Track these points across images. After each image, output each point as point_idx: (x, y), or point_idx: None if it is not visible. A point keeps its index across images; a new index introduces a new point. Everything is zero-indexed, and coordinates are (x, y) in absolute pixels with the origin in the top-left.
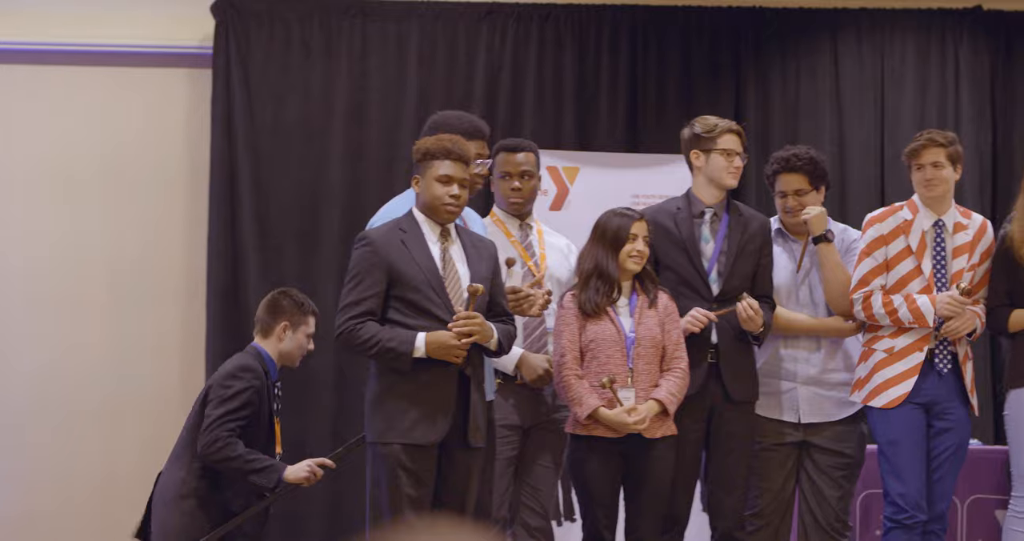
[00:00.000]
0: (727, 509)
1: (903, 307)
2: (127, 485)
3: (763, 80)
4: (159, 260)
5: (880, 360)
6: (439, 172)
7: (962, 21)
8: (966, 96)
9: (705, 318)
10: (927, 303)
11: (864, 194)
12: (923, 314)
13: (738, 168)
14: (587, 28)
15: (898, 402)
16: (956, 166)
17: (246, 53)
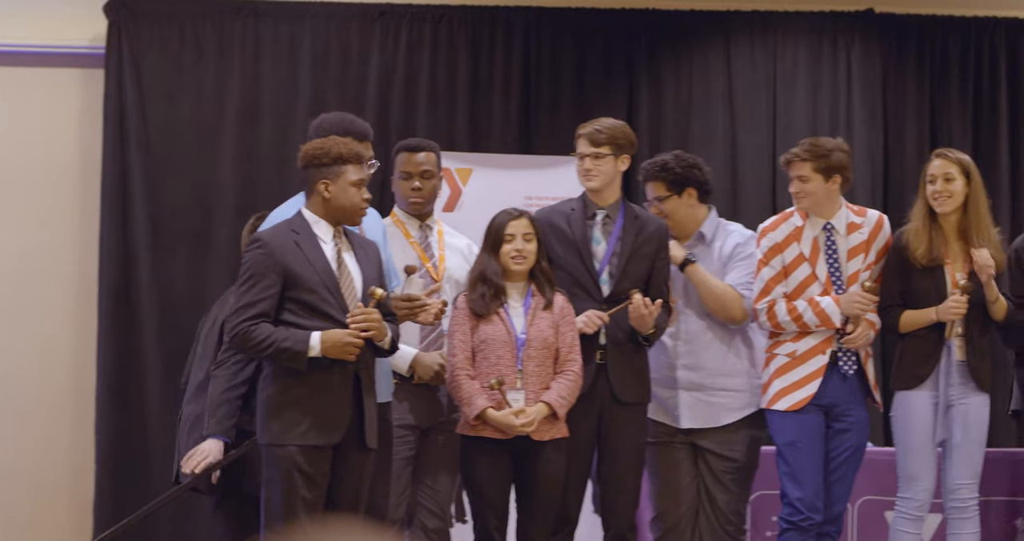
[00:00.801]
0: (618, 510)
1: (808, 311)
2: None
3: (656, 82)
4: (50, 260)
5: (782, 364)
6: (354, 177)
7: (854, 24)
8: (858, 98)
9: (600, 319)
10: (831, 304)
11: (756, 195)
12: (829, 316)
13: (588, 170)
14: (480, 29)
15: (802, 405)
16: (831, 176)
17: (139, 53)
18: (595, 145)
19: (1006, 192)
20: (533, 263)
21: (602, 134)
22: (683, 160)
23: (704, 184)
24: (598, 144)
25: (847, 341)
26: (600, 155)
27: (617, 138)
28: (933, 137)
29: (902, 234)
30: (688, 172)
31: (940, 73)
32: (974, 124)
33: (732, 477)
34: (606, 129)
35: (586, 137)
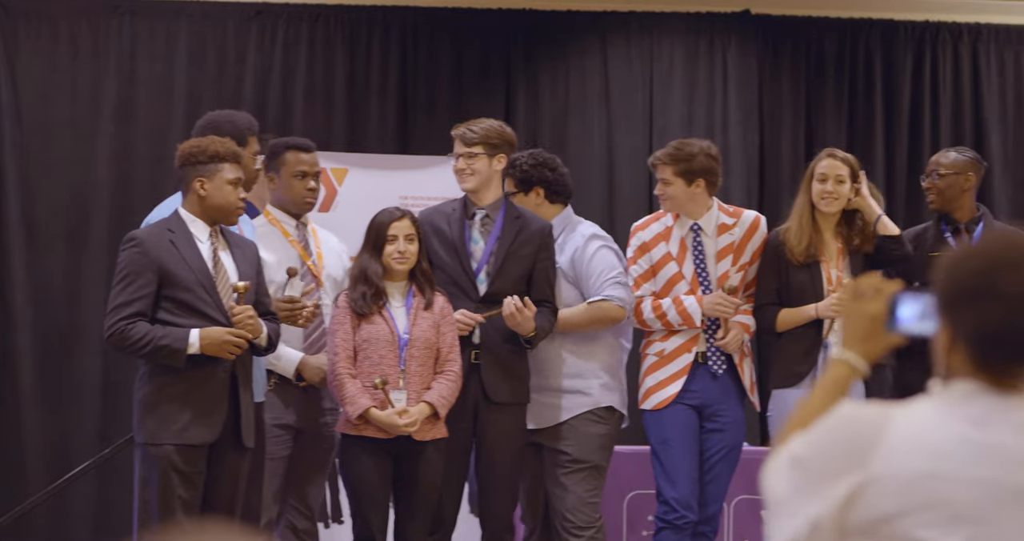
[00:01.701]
0: (493, 510)
1: (672, 310)
2: None
3: (533, 82)
4: None
5: (652, 364)
6: (230, 176)
7: (730, 25)
8: (734, 99)
9: (471, 320)
10: (694, 304)
11: (632, 195)
12: (690, 315)
13: (462, 170)
14: (358, 29)
15: (666, 403)
16: (693, 180)
17: (13, 52)
18: (468, 145)
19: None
20: (415, 263)
21: (475, 134)
22: (534, 158)
23: (552, 184)
24: (471, 144)
25: (720, 345)
26: (473, 155)
27: (490, 137)
28: (808, 137)
29: (778, 232)
30: (535, 171)
31: (816, 74)
32: (849, 125)
33: (564, 472)
34: (479, 129)
35: (459, 137)
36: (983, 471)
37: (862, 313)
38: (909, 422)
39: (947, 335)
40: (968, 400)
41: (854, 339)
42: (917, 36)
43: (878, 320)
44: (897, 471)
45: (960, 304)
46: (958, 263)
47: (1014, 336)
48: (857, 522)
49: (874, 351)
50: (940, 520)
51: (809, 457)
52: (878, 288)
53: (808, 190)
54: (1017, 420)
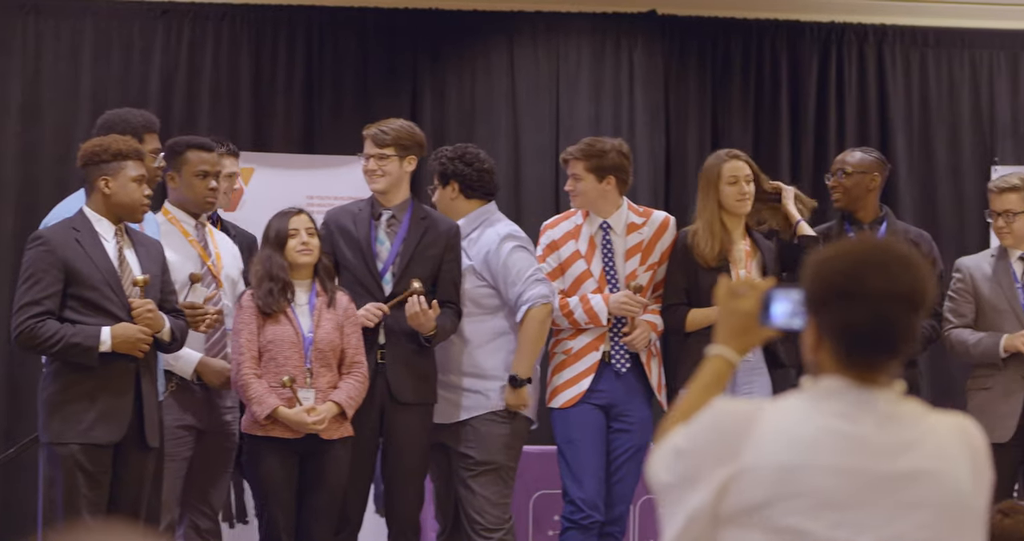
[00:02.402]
0: (399, 510)
1: (578, 308)
2: None
3: (440, 82)
4: None
5: (560, 362)
6: (134, 173)
7: (636, 25)
8: (640, 99)
9: (380, 311)
10: (600, 303)
11: (539, 195)
12: (596, 314)
13: (373, 171)
14: (263, 28)
15: (573, 402)
16: (604, 176)
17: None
18: (379, 146)
19: None
20: (318, 257)
21: (387, 135)
22: (454, 152)
23: (467, 179)
24: (382, 145)
25: (627, 343)
26: (385, 156)
27: (402, 139)
28: (715, 138)
29: (687, 233)
30: (452, 165)
31: (722, 74)
32: (755, 125)
33: (469, 474)
34: (391, 130)
35: (371, 138)
36: (847, 461)
37: (736, 310)
38: (779, 415)
39: (814, 332)
40: (835, 395)
41: (729, 335)
42: (823, 37)
43: (752, 316)
44: (766, 462)
45: (826, 303)
46: (825, 263)
47: (878, 334)
48: (730, 511)
49: (748, 346)
50: (806, 507)
51: (688, 449)
52: (752, 286)
53: (715, 193)
54: (880, 413)
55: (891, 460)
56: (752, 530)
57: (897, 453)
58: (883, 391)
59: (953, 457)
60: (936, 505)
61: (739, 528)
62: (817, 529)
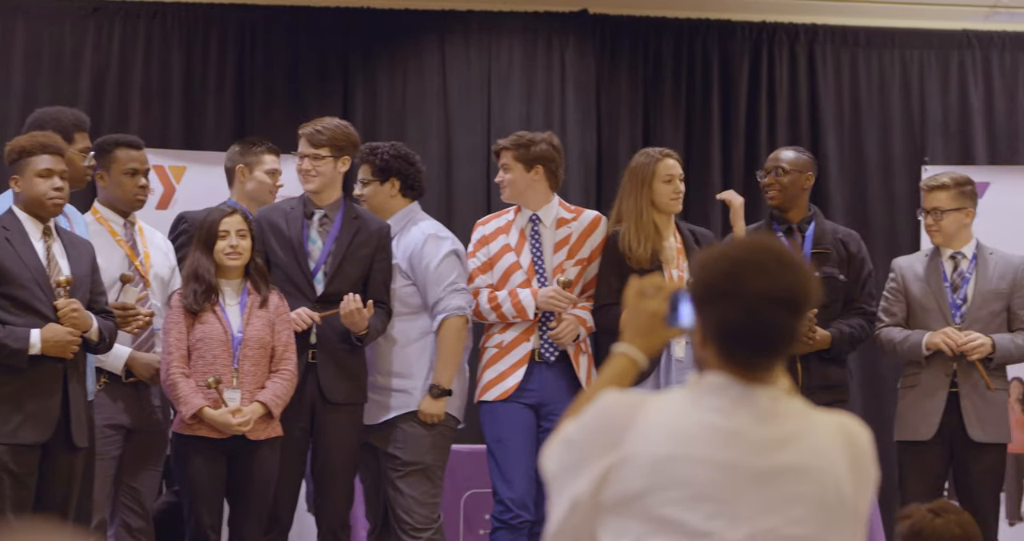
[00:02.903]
0: (329, 509)
1: (507, 302)
2: None
3: (371, 81)
4: None
5: (491, 356)
6: (39, 167)
7: (568, 24)
8: (571, 99)
9: (309, 318)
10: (528, 297)
11: (470, 195)
12: (524, 308)
13: (307, 171)
14: (195, 27)
15: (506, 395)
16: (533, 166)
17: None
18: (315, 146)
19: (718, 190)
20: (248, 259)
21: (322, 135)
22: (396, 150)
23: (408, 177)
24: (318, 145)
25: (552, 335)
26: (319, 156)
27: (338, 139)
28: (646, 137)
29: (618, 233)
30: (395, 162)
31: (653, 74)
32: (687, 124)
33: (397, 475)
34: (327, 130)
35: (306, 137)
36: (722, 454)
37: (644, 310)
38: (662, 409)
39: (699, 331)
40: (716, 390)
41: (635, 334)
42: (754, 37)
43: (658, 317)
44: (646, 453)
45: (708, 302)
46: (707, 265)
47: (755, 333)
48: (610, 500)
49: (654, 346)
50: (683, 498)
51: (575, 439)
52: (659, 287)
53: (648, 191)
54: (760, 410)
55: (766, 455)
56: (630, 519)
57: (773, 448)
58: (765, 388)
59: (831, 455)
60: (811, 501)
61: (619, 517)
62: (692, 520)
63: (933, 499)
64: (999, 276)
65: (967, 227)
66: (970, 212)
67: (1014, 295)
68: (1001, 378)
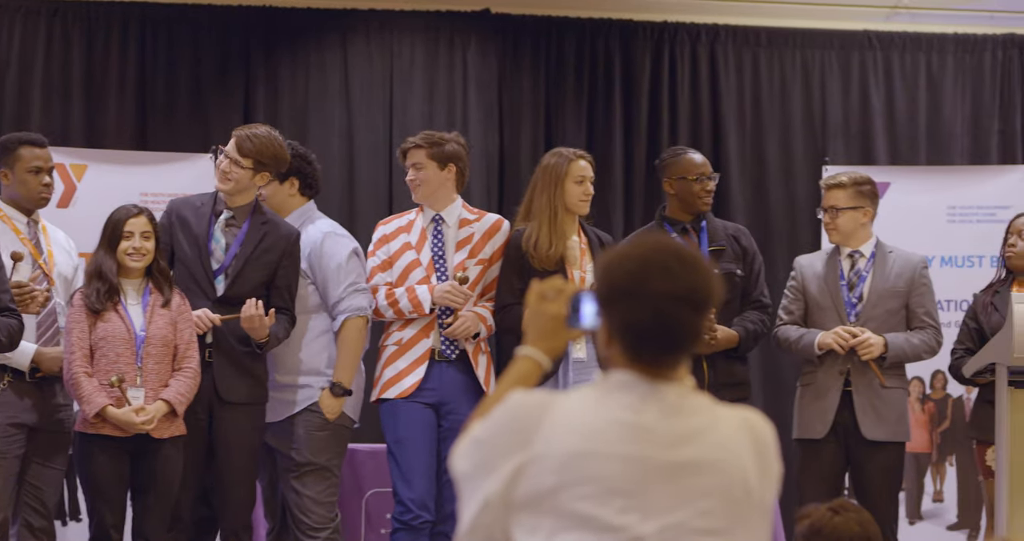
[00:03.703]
0: (230, 509)
1: (404, 298)
2: None
3: (273, 79)
4: None
5: (391, 353)
6: None
7: (470, 23)
8: (474, 97)
9: (210, 322)
10: (424, 292)
11: (372, 193)
12: (420, 302)
13: (225, 173)
14: (96, 24)
15: (409, 392)
16: (446, 164)
17: None
18: (239, 152)
19: (620, 192)
20: (151, 260)
21: (250, 145)
22: (294, 149)
23: (307, 177)
24: (242, 153)
25: (448, 332)
26: (239, 164)
27: (263, 155)
28: (548, 137)
29: (521, 234)
30: (294, 161)
31: (556, 73)
32: (589, 124)
33: (296, 477)
34: (256, 141)
35: (236, 139)
36: (632, 449)
37: (545, 312)
38: (571, 407)
39: (605, 330)
40: (623, 388)
41: (537, 336)
42: (656, 37)
43: (559, 319)
44: (556, 450)
45: (613, 302)
46: (612, 265)
47: (660, 332)
48: (522, 497)
49: (556, 347)
50: (595, 493)
51: (485, 438)
52: (560, 289)
53: (560, 191)
54: (667, 405)
55: (674, 449)
56: (543, 516)
57: (681, 443)
58: (671, 385)
59: (737, 449)
60: (719, 494)
61: (531, 514)
62: (604, 515)
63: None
64: (896, 275)
65: (865, 226)
66: (868, 211)
67: (912, 293)
68: (899, 377)
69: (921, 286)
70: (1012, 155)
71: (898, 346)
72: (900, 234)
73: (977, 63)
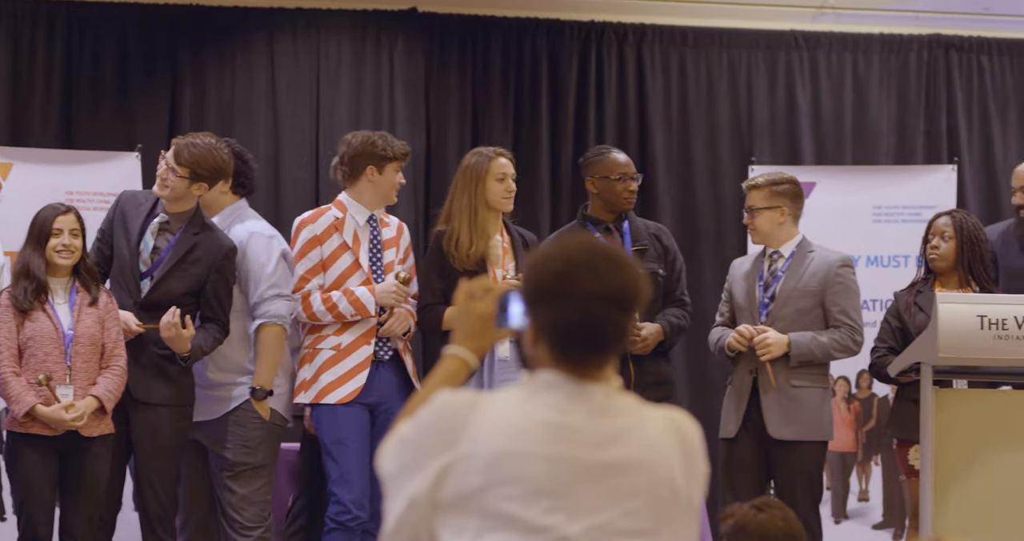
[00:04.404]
0: (151, 509)
1: (343, 301)
2: None
3: (200, 78)
4: None
5: (329, 358)
6: None
7: (397, 23)
8: (400, 97)
9: (134, 327)
10: (366, 293)
11: (299, 193)
12: (364, 304)
13: (163, 179)
14: (22, 22)
15: (349, 398)
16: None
17: None
18: (176, 161)
19: (546, 191)
20: (79, 259)
21: (187, 155)
22: (230, 147)
23: (240, 176)
24: (179, 162)
25: (383, 331)
26: (176, 172)
27: (200, 167)
28: (475, 136)
29: (443, 234)
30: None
31: (482, 73)
32: (515, 124)
33: (230, 476)
34: (194, 152)
35: (174, 147)
36: (558, 450)
37: (473, 311)
38: (497, 406)
39: (532, 330)
40: (550, 387)
41: (465, 335)
42: (583, 36)
43: (487, 318)
44: (482, 450)
45: (540, 302)
46: (538, 265)
47: (587, 332)
48: (449, 497)
49: (484, 347)
50: (521, 493)
51: (412, 438)
52: (487, 289)
53: (482, 189)
54: (593, 405)
55: (601, 450)
56: (469, 516)
57: (607, 443)
58: (598, 385)
59: (664, 449)
60: (646, 494)
61: (458, 514)
62: (530, 515)
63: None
64: (810, 274)
65: (783, 226)
66: (784, 211)
67: (827, 292)
68: (817, 376)
69: (837, 285)
70: (937, 155)
71: (803, 345)
72: (826, 234)
73: (903, 63)
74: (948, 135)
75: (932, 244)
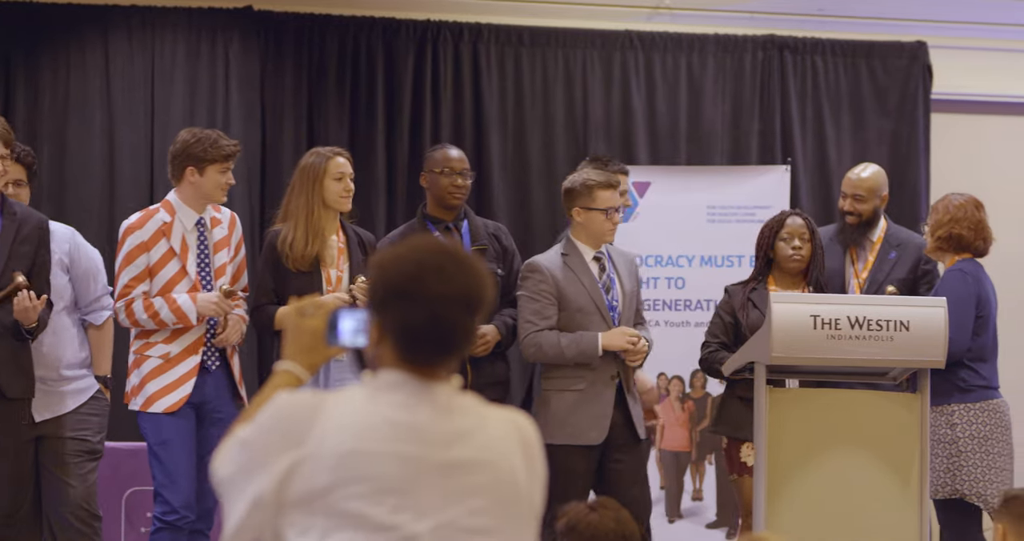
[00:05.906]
0: None
1: (164, 308)
2: None
3: (33, 77)
4: None
5: (156, 366)
6: None
7: (233, 20)
8: (236, 95)
9: None
10: (187, 301)
11: (133, 192)
12: (185, 313)
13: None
14: None
15: (178, 406)
16: None
17: None
18: None
19: (382, 189)
20: None
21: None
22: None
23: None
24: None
25: (219, 341)
26: None
27: None
28: (311, 135)
29: (278, 234)
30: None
31: (318, 71)
32: (351, 123)
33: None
34: None
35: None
36: (404, 448)
37: (304, 328)
38: (341, 407)
39: (377, 330)
40: (394, 387)
41: (297, 351)
42: (419, 35)
43: (318, 334)
44: (328, 449)
45: (387, 303)
46: (387, 265)
47: (435, 334)
48: (295, 496)
49: (315, 362)
50: (368, 492)
51: (252, 439)
52: (319, 305)
53: (319, 189)
54: (438, 405)
55: (445, 448)
56: (316, 515)
57: (452, 442)
58: (441, 385)
59: (506, 450)
60: (489, 493)
61: (303, 514)
62: (377, 514)
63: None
64: (628, 274)
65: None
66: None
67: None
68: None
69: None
70: (771, 155)
71: None
72: (660, 234)
73: (737, 64)
74: (782, 135)
75: (794, 245)
